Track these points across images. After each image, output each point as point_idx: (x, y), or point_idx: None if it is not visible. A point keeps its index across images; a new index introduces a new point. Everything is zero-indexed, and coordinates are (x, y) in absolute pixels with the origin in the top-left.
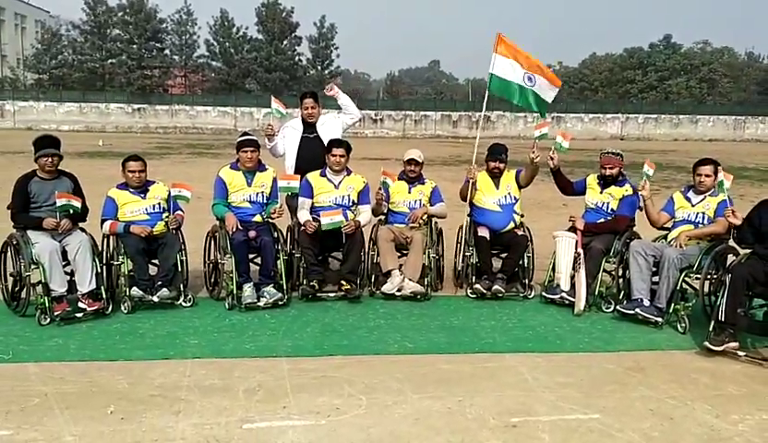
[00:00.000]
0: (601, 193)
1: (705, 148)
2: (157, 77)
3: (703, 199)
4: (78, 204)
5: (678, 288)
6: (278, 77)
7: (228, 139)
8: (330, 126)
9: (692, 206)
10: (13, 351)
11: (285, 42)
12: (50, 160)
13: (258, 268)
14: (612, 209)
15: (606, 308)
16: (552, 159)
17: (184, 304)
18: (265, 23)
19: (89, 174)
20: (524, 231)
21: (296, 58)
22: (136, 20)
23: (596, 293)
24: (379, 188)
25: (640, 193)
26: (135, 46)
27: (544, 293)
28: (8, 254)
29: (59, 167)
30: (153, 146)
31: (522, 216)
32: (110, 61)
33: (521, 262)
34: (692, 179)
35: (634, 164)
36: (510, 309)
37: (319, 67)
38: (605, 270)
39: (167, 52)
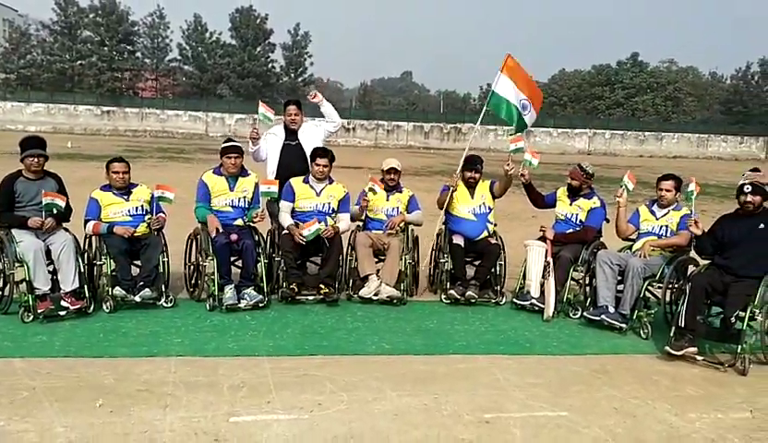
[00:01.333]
0: (570, 205)
1: (670, 164)
2: (127, 79)
3: (667, 213)
4: (62, 203)
5: (641, 296)
6: (251, 83)
7: (199, 144)
8: (310, 135)
9: (656, 219)
10: None
11: (259, 49)
12: (36, 160)
13: (238, 270)
14: (580, 221)
15: (574, 314)
16: (523, 175)
17: (165, 304)
18: (239, 29)
19: (61, 176)
20: (497, 239)
21: (270, 65)
22: (107, 22)
23: (564, 299)
24: (365, 194)
25: (616, 198)
26: (106, 48)
27: (515, 300)
28: None
29: (44, 168)
30: (122, 149)
31: (495, 225)
32: (80, 62)
33: (493, 270)
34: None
35: (602, 178)
36: (482, 314)
37: (293, 75)
38: (572, 279)
39: (138, 54)
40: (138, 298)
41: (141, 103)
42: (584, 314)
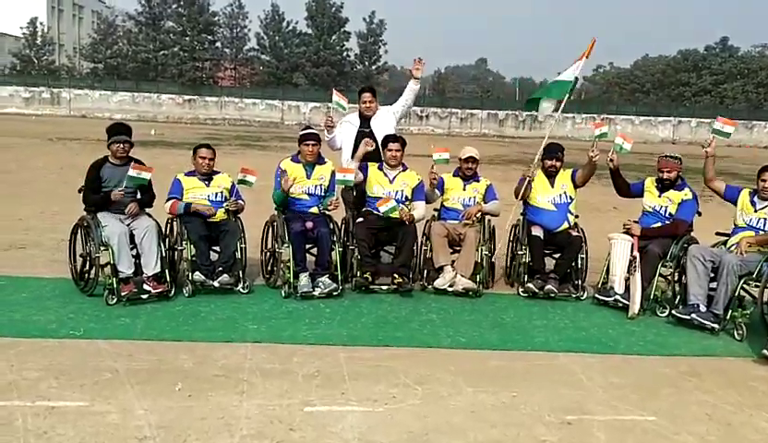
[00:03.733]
0: (659, 197)
1: (762, 154)
2: (208, 69)
3: (767, 206)
4: (148, 175)
5: (736, 295)
6: (325, 71)
7: (275, 132)
8: (383, 121)
9: (755, 211)
10: (84, 328)
11: (334, 37)
12: (122, 146)
13: (313, 258)
14: (670, 214)
15: (661, 313)
16: (612, 160)
17: (242, 290)
18: (315, 18)
19: (145, 162)
20: (579, 231)
21: (344, 53)
22: (189, 13)
23: (651, 297)
24: (432, 167)
25: (704, 150)
26: (187, 38)
27: (597, 295)
28: (79, 235)
29: (130, 154)
30: (202, 136)
31: (576, 216)
32: (163, 52)
33: (574, 263)
34: (756, 184)
35: (688, 169)
36: (562, 310)
37: (367, 63)
38: (660, 275)
39: (218, 44)
40: (216, 283)
41: (220, 92)
42: (673, 312)
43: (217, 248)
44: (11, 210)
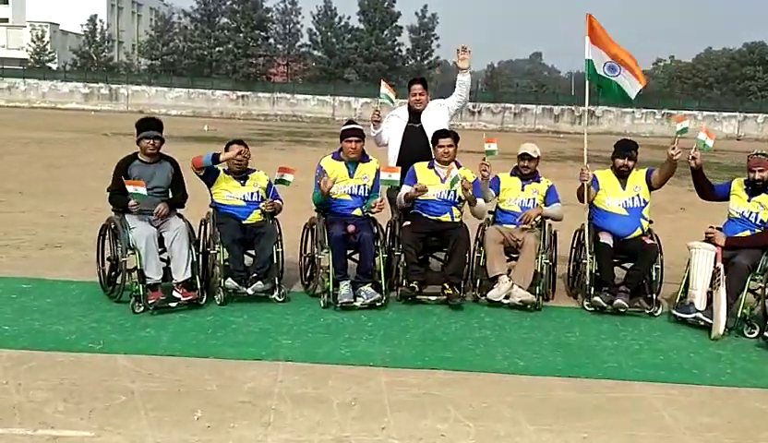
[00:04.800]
0: (748, 201)
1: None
2: (261, 65)
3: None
4: (143, 191)
5: None
6: (377, 66)
7: (326, 128)
8: (434, 116)
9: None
10: (104, 340)
11: (386, 32)
12: (152, 142)
13: (355, 265)
14: (761, 221)
15: (750, 333)
16: (694, 158)
17: (277, 298)
18: (367, 12)
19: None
20: (653, 238)
21: (396, 48)
22: (243, 9)
23: (739, 315)
24: (483, 159)
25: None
26: (241, 35)
27: (674, 312)
28: (107, 237)
29: (161, 151)
30: (254, 132)
31: (650, 222)
32: (217, 49)
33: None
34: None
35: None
36: (633, 327)
37: (419, 58)
38: (749, 290)
39: (271, 40)
40: (250, 291)
41: (273, 88)
42: (765, 334)
43: (252, 252)
44: (55, 206)
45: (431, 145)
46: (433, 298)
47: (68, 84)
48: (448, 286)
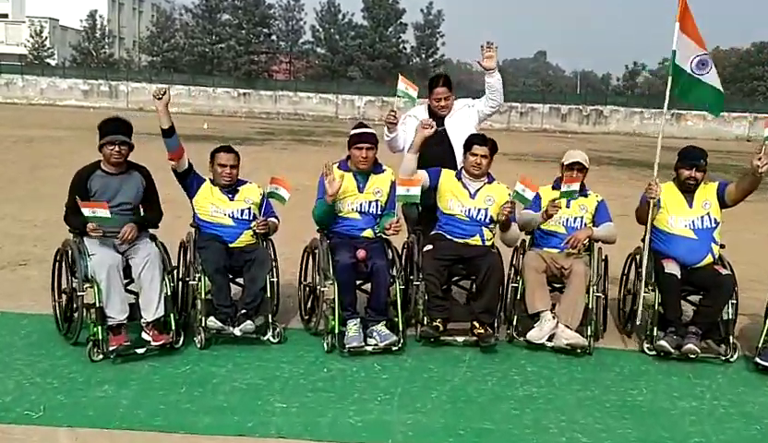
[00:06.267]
0: None
1: None
2: (263, 62)
3: None
4: (105, 213)
5: None
6: (381, 64)
7: (329, 127)
8: (461, 119)
9: None
10: (46, 404)
11: (390, 29)
12: (117, 149)
13: (365, 297)
14: None
15: None
16: None
17: (271, 339)
18: (371, 9)
19: (149, 169)
20: (727, 267)
21: (401, 46)
22: (245, 5)
23: None
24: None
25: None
26: (243, 31)
27: (759, 360)
28: (64, 263)
29: (130, 159)
30: (255, 131)
31: (722, 246)
32: (219, 45)
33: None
34: None
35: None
36: (710, 380)
37: (423, 55)
38: None
39: (274, 37)
40: (237, 331)
41: (275, 86)
42: None
43: (241, 281)
44: (32, 214)
45: (461, 152)
46: (460, 339)
47: (67, 80)
48: (478, 325)
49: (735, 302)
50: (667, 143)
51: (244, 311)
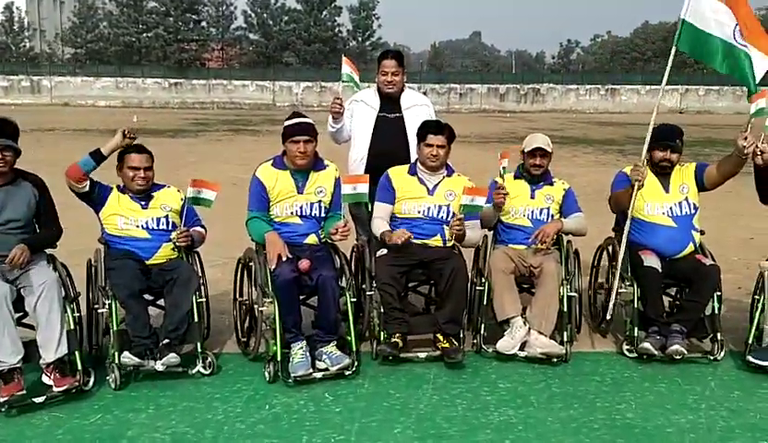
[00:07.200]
0: None
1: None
2: (194, 50)
3: None
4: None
5: None
6: (317, 49)
7: (266, 115)
8: (419, 115)
9: None
10: None
11: (325, 13)
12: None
13: (312, 313)
14: None
15: None
16: (763, 151)
17: (202, 370)
18: None
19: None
20: (709, 256)
21: (336, 29)
22: None
23: None
24: (498, 186)
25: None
26: (171, 19)
27: (751, 357)
28: None
29: (18, 167)
30: (189, 122)
31: (702, 233)
32: (146, 34)
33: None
34: None
35: (707, 142)
36: (701, 385)
37: (360, 39)
38: None
39: (204, 24)
40: (159, 366)
41: (208, 74)
42: None
43: (161, 303)
44: None
45: (415, 142)
46: (423, 355)
47: None
48: (442, 338)
49: (720, 294)
50: (602, 118)
51: (166, 341)
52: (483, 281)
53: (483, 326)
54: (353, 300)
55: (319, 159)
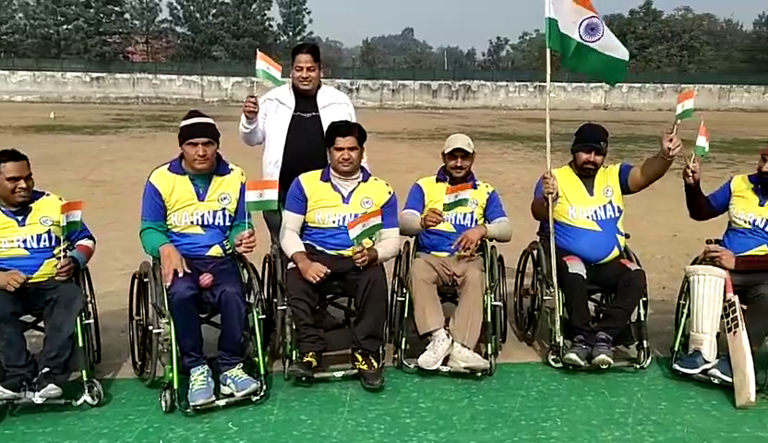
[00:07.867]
0: (761, 205)
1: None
2: (117, 43)
3: None
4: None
5: None
6: (247, 43)
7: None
8: (337, 114)
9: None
10: None
11: (254, 6)
12: None
13: (216, 332)
14: None
15: None
16: (693, 172)
17: (89, 401)
18: None
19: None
20: (635, 261)
21: (266, 23)
22: None
23: None
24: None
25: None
26: (92, 10)
27: (677, 366)
28: None
29: None
30: (110, 118)
31: (626, 237)
32: (65, 26)
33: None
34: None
35: (629, 138)
36: (627, 396)
37: (291, 33)
38: None
39: (127, 16)
40: (38, 399)
41: (132, 68)
42: None
43: (41, 325)
44: None
45: (326, 144)
46: (339, 374)
47: None
48: (361, 358)
49: (646, 300)
50: (532, 114)
51: (46, 369)
52: (403, 291)
53: (404, 340)
54: (261, 317)
55: (223, 162)
